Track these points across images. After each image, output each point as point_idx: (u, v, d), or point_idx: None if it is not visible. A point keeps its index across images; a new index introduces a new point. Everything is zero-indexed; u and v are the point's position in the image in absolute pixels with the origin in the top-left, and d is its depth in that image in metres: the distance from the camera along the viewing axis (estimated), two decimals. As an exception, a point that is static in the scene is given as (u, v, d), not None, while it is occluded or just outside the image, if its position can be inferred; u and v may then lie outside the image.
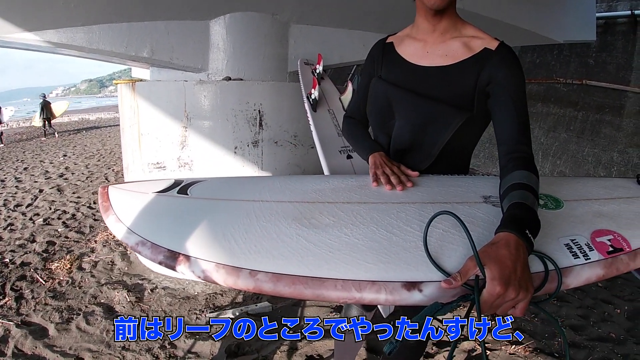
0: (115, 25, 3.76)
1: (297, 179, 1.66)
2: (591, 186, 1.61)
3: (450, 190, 1.48)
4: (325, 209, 1.39)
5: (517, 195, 1.19)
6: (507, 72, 1.44)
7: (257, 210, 1.42)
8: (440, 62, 1.54)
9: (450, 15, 1.54)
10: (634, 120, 7.90)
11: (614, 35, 8.82)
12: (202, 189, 1.62)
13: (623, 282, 4.48)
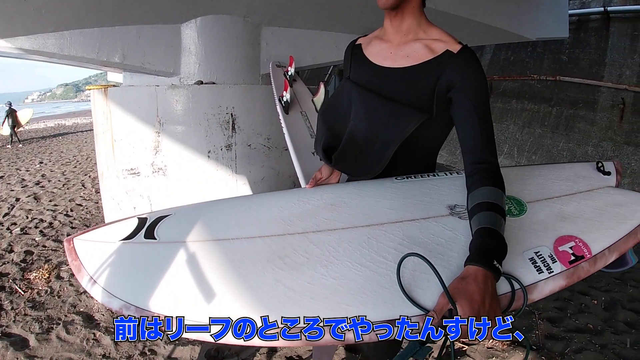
0: (86, 30, 3.72)
1: (261, 203, 1.66)
2: (553, 178, 1.62)
3: (415, 201, 1.49)
4: (296, 243, 1.41)
5: (485, 219, 1.22)
6: (469, 78, 1.42)
7: (230, 253, 1.43)
8: (402, 64, 1.54)
9: (412, 16, 1.54)
10: (607, 115, 8.03)
11: (587, 32, 8.94)
12: (169, 227, 1.58)
13: (599, 274, 4.50)
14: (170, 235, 1.55)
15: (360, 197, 1.55)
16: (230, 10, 3.97)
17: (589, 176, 1.63)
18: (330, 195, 1.59)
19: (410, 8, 1.52)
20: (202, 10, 3.89)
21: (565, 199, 1.51)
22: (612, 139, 7.82)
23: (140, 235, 1.55)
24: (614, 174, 1.62)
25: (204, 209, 1.71)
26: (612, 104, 8.04)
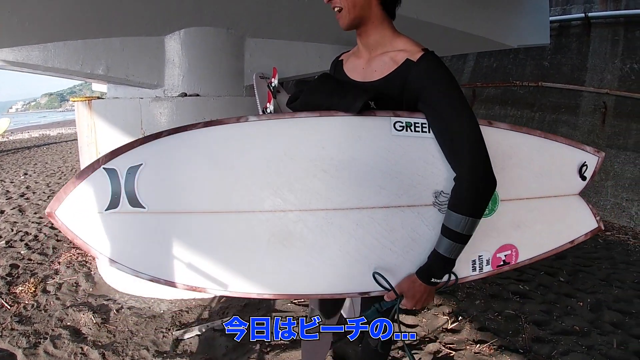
0: (70, 42, 3.69)
1: (244, 151, 1.59)
2: (536, 169, 1.73)
3: (406, 179, 1.55)
4: (291, 224, 1.57)
5: (440, 244, 1.48)
6: (431, 87, 1.44)
7: (230, 230, 1.58)
8: (372, 78, 1.59)
9: (375, 32, 1.60)
10: (589, 119, 8.13)
11: (568, 38, 9.06)
12: (149, 186, 1.55)
13: (585, 276, 4.60)
14: (158, 202, 1.56)
15: (353, 160, 1.54)
16: (214, 22, 3.98)
17: (567, 176, 1.79)
18: (321, 151, 1.55)
19: (371, 24, 1.58)
20: (186, 22, 3.89)
21: (532, 202, 1.72)
22: (594, 143, 7.91)
23: (124, 202, 1.54)
24: (589, 178, 1.80)
25: (179, 159, 1.60)
26: (594, 108, 8.16)
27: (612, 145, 7.73)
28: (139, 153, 1.56)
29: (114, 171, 1.53)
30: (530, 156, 1.70)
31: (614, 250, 5.65)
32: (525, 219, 1.70)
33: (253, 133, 1.59)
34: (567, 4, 9.48)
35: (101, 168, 1.53)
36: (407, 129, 1.51)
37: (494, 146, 1.54)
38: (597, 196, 7.50)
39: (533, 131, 1.72)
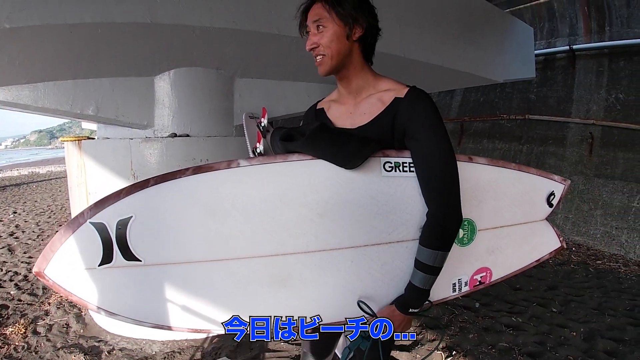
0: (60, 82, 3.71)
1: (242, 201, 1.58)
2: (509, 201, 1.88)
3: (396, 218, 1.61)
4: (291, 266, 1.60)
5: (415, 276, 1.58)
6: (417, 121, 1.52)
7: (232, 276, 1.59)
8: (361, 122, 1.62)
9: (357, 76, 1.65)
10: (576, 149, 8.22)
11: (553, 70, 9.20)
12: (143, 239, 1.53)
13: (577, 305, 4.60)
14: (154, 254, 1.54)
15: (346, 203, 1.59)
16: (203, 63, 4.01)
17: (536, 205, 1.96)
18: (316, 196, 1.58)
19: (352, 70, 1.64)
20: (176, 63, 3.92)
21: (505, 230, 1.88)
22: (582, 173, 8.00)
23: (118, 256, 1.52)
24: (555, 205, 1.99)
25: (171, 208, 1.58)
26: (581, 139, 8.26)
27: (600, 175, 7.82)
28: (127, 204, 1.53)
29: (102, 225, 1.50)
30: (505, 188, 1.85)
31: (605, 279, 5.67)
32: (499, 245, 1.86)
33: (246, 179, 1.58)
34: (552, 37, 9.66)
35: (87, 223, 1.49)
36: (396, 169, 1.58)
37: (473, 181, 1.74)
38: (587, 225, 7.55)
39: (508, 164, 1.87)
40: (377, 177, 1.58)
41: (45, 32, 3.02)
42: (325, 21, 1.57)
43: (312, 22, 1.60)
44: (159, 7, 3.21)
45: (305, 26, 1.65)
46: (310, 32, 1.61)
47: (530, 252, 1.98)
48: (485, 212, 1.79)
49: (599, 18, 8.81)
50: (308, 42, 1.61)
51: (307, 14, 1.63)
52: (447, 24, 5.24)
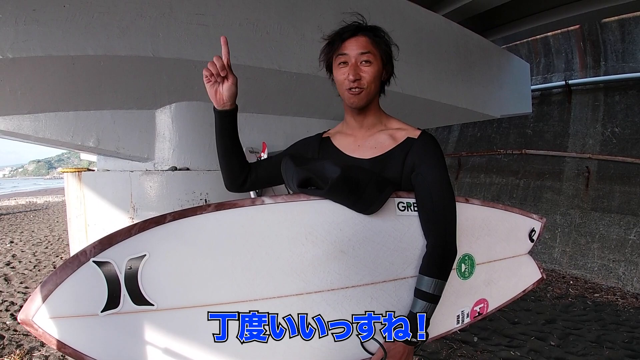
0: (61, 113, 3.74)
1: (264, 238, 1.54)
2: (499, 237, 1.99)
3: (408, 254, 1.65)
4: (315, 305, 1.56)
5: (415, 305, 1.58)
6: (428, 161, 1.61)
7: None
8: (370, 154, 1.68)
9: (374, 112, 1.73)
10: (573, 183, 8.27)
11: (550, 105, 9.30)
12: (156, 280, 1.39)
13: (575, 338, 4.59)
14: (170, 297, 1.41)
15: (367, 240, 1.61)
16: (204, 97, 3.95)
17: (520, 240, 2.10)
18: (339, 233, 1.59)
19: (372, 107, 1.72)
20: (177, 96, 3.96)
21: (497, 264, 1.98)
22: (579, 207, 8.03)
23: (126, 301, 1.36)
24: (535, 240, 2.14)
25: (190, 247, 1.47)
26: (578, 173, 8.31)
27: (596, 208, 7.85)
28: (140, 241, 1.39)
29: (109, 265, 1.34)
30: (496, 226, 1.96)
31: (603, 312, 5.65)
32: (493, 277, 1.97)
33: (271, 217, 1.56)
34: (548, 72, 9.79)
35: (90, 261, 1.33)
36: (408, 209, 1.65)
37: (471, 220, 1.84)
38: (584, 259, 7.55)
39: (496, 205, 1.99)
40: (393, 215, 1.64)
41: (47, 63, 3.06)
42: (372, 57, 1.62)
43: (359, 53, 1.62)
44: (161, 42, 3.27)
45: (342, 53, 1.64)
46: (353, 63, 1.62)
47: (518, 283, 2.11)
48: (481, 248, 1.90)
49: (594, 53, 8.95)
50: (351, 71, 1.61)
51: (348, 42, 1.64)
52: (445, 61, 5.33)
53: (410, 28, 4.89)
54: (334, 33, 1.69)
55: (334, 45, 1.67)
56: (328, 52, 1.71)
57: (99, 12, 3.08)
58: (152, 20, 3.23)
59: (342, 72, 1.64)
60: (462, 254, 1.80)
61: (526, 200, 8.96)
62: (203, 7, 3.42)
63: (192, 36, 3.37)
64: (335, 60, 1.68)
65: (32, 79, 3.25)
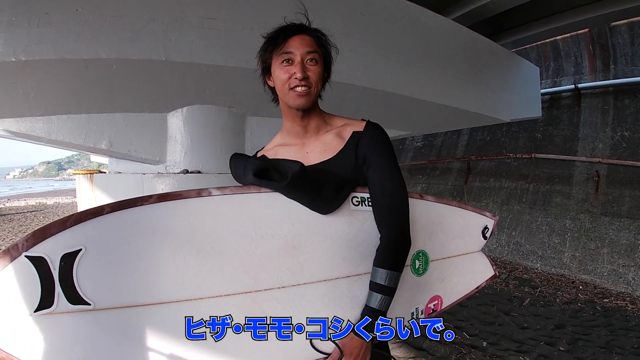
0: (74, 116, 3.77)
1: (211, 229, 1.49)
2: (453, 234, 2.02)
3: (363, 250, 1.66)
4: (265, 304, 1.53)
5: (370, 298, 1.59)
6: (376, 151, 1.62)
7: (202, 317, 1.44)
8: (321, 158, 1.67)
9: (317, 114, 1.71)
10: (583, 188, 8.24)
11: (559, 109, 9.28)
12: (92, 276, 1.31)
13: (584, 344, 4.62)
14: (107, 295, 1.33)
15: (320, 235, 1.61)
16: (216, 101, 4.07)
17: (474, 237, 2.13)
18: (290, 228, 1.58)
19: (315, 109, 1.70)
20: (189, 100, 3.99)
21: (451, 260, 2.00)
22: (589, 211, 8.00)
23: (61, 300, 1.26)
24: (488, 238, 2.16)
25: (131, 241, 1.40)
26: (587, 177, 8.29)
27: (606, 213, 7.81)
28: (75, 235, 1.30)
29: (42, 260, 1.25)
30: (450, 223, 2.00)
31: (613, 317, 5.62)
32: (447, 274, 1.99)
33: (219, 210, 1.51)
34: (558, 76, 9.78)
35: (22, 256, 1.23)
36: (362, 203, 1.65)
37: (425, 216, 1.88)
38: (594, 263, 7.51)
39: (450, 202, 2.04)
40: (347, 210, 1.63)
41: (60, 66, 3.09)
42: (317, 56, 1.63)
43: (306, 52, 1.60)
44: (174, 45, 3.29)
45: (287, 52, 1.60)
46: (299, 61, 1.59)
47: (471, 280, 2.12)
48: (436, 244, 1.92)
49: (603, 56, 8.93)
50: (298, 69, 1.57)
51: (292, 40, 1.62)
52: (454, 65, 5.34)
53: (419, 32, 4.90)
54: (275, 30, 1.66)
55: (276, 43, 1.62)
56: (269, 51, 1.65)
57: (111, 16, 3.10)
58: (164, 25, 3.26)
59: (286, 70, 1.59)
60: (416, 250, 1.81)
61: (535, 204, 8.94)
62: (214, 11, 3.44)
63: (204, 40, 3.39)
64: (276, 58, 1.63)
65: (45, 81, 3.28)
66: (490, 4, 6.68)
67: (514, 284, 7.26)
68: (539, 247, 8.39)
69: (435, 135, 12.75)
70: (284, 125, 1.79)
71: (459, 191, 10.81)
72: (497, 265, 8.36)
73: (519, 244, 8.68)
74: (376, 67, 4.31)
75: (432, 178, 12.20)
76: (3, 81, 3.15)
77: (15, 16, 2.84)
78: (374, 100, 4.58)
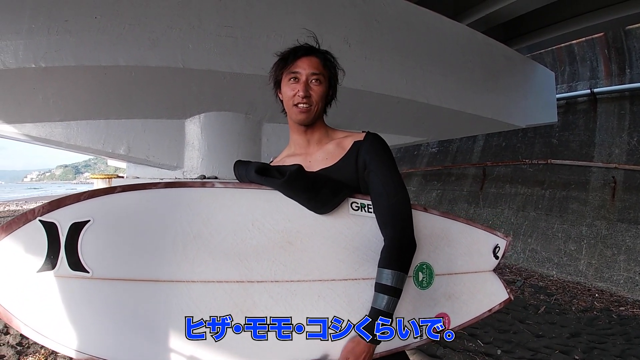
0: (93, 121, 3.85)
1: (209, 217, 1.55)
2: (461, 250, 1.95)
3: (361, 254, 1.66)
4: (256, 295, 1.54)
5: (375, 300, 1.58)
6: (376, 158, 1.68)
7: (190, 301, 1.48)
8: (323, 165, 1.74)
9: (320, 128, 1.81)
10: (599, 194, 8.16)
11: (575, 114, 9.21)
12: (96, 247, 1.40)
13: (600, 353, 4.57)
14: (106, 266, 1.40)
15: (317, 234, 1.64)
16: (233, 108, 4.12)
17: (484, 255, 2.03)
18: (287, 224, 1.62)
19: (318, 123, 1.80)
20: (206, 106, 4.04)
21: (458, 277, 1.93)
22: (605, 218, 7.92)
23: (63, 264, 1.36)
24: (500, 258, 2.06)
25: (135, 219, 1.48)
26: (604, 183, 8.21)
27: (623, 220, 7.74)
28: (87, 207, 1.41)
29: (53, 225, 1.36)
30: (457, 238, 1.94)
31: (629, 325, 5.56)
32: (454, 291, 1.90)
33: (220, 200, 1.58)
34: (573, 81, 9.72)
35: (36, 220, 1.35)
36: (362, 209, 1.69)
37: (429, 228, 1.84)
38: (610, 271, 7.44)
39: (458, 218, 1.98)
40: (345, 214, 1.67)
41: (79, 73, 3.15)
42: (322, 77, 1.74)
43: (311, 73, 1.71)
44: (191, 53, 3.34)
45: (294, 71, 1.72)
46: (304, 80, 1.70)
47: (482, 300, 2.02)
48: (441, 258, 1.87)
49: (619, 61, 8.87)
50: (302, 88, 1.69)
51: (301, 60, 1.73)
52: (469, 71, 5.34)
53: (434, 38, 4.92)
54: (287, 51, 1.78)
55: (287, 62, 1.75)
56: (280, 68, 1.78)
57: (130, 24, 3.16)
58: (181, 32, 3.31)
59: (292, 88, 1.72)
60: (419, 262, 1.79)
61: (552, 211, 8.88)
62: (231, 19, 3.49)
63: (221, 48, 3.44)
64: (285, 76, 1.75)
65: (65, 87, 3.34)
66: (505, 9, 6.66)
67: (529, 291, 7.21)
68: (555, 254, 8.33)
69: (450, 141, 12.72)
70: (290, 137, 1.90)
71: (475, 197, 10.77)
72: (513, 272, 8.32)
73: (535, 251, 8.62)
74: (391, 74, 4.34)
75: (447, 184, 12.16)
76: (23, 87, 3.23)
77: (35, 24, 2.90)
78: (390, 107, 4.61)
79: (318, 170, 1.73)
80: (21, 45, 2.88)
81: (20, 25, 2.88)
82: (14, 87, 3.22)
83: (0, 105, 3.46)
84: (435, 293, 1.84)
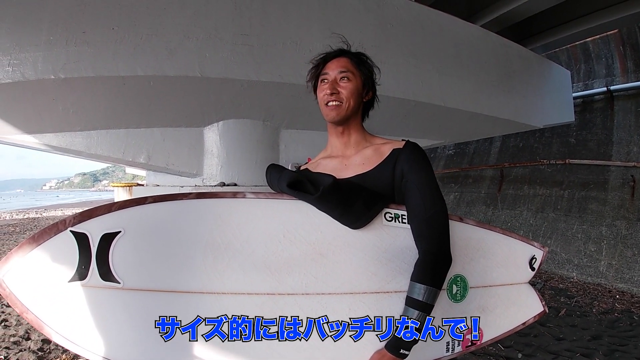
0: (113, 131, 3.90)
1: (241, 231, 1.54)
2: (496, 261, 1.87)
3: (394, 266, 1.62)
4: (286, 308, 1.52)
5: (407, 314, 1.52)
6: (415, 168, 1.63)
7: (220, 312, 1.47)
8: (359, 170, 1.71)
9: (357, 130, 1.80)
10: (618, 193, 8.06)
11: (592, 113, 9.12)
12: (127, 258, 1.41)
13: (621, 355, 4.50)
14: (137, 277, 1.42)
15: (349, 246, 1.59)
16: (251, 115, 4.16)
17: (520, 267, 1.96)
18: (319, 235, 1.58)
19: (354, 125, 1.78)
20: (224, 114, 4.08)
21: (493, 289, 1.86)
22: (625, 217, 7.82)
23: (94, 275, 1.38)
24: (536, 269, 1.98)
25: (166, 230, 1.49)
26: (623, 182, 8.10)
27: (643, 219, 7.65)
28: (118, 218, 1.43)
29: (84, 236, 1.38)
30: (493, 249, 1.86)
31: (651, 327, 5.50)
32: (488, 304, 1.84)
33: (251, 211, 1.56)
34: (589, 79, 9.64)
35: (68, 230, 1.37)
36: (396, 220, 1.63)
37: (465, 240, 1.78)
38: (631, 272, 7.34)
39: (494, 228, 1.91)
40: (379, 225, 1.62)
41: (98, 83, 3.20)
42: (351, 75, 1.73)
43: (339, 72, 1.72)
44: (209, 62, 3.37)
45: (324, 73, 1.76)
46: (331, 79, 1.73)
47: (517, 313, 1.96)
48: (476, 270, 1.82)
49: (635, 57, 8.77)
50: (329, 86, 1.71)
51: (330, 62, 1.76)
52: (485, 72, 5.33)
53: (449, 40, 4.93)
54: (319, 57, 1.81)
55: (318, 68, 1.80)
56: (314, 75, 1.82)
57: (147, 34, 3.20)
58: (198, 42, 3.35)
59: (322, 89, 1.74)
60: (453, 274, 1.73)
61: (571, 211, 8.78)
62: (247, 28, 3.52)
63: (237, 56, 3.47)
64: (319, 81, 1.79)
65: (84, 98, 3.39)
66: (518, 8, 6.63)
67: (549, 293, 7.14)
68: (575, 255, 8.23)
69: (467, 142, 12.60)
70: (328, 139, 1.88)
71: (493, 199, 10.69)
72: (533, 275, 8.25)
73: (555, 253, 8.52)
74: (407, 78, 4.35)
75: (465, 186, 12.06)
76: (43, 98, 3.28)
77: (53, 35, 2.96)
78: (406, 110, 4.61)
79: (354, 176, 1.70)
80: (40, 57, 2.94)
81: (39, 38, 2.94)
82: (34, 98, 3.26)
83: (21, 115, 3.52)
84: (469, 306, 1.79)
